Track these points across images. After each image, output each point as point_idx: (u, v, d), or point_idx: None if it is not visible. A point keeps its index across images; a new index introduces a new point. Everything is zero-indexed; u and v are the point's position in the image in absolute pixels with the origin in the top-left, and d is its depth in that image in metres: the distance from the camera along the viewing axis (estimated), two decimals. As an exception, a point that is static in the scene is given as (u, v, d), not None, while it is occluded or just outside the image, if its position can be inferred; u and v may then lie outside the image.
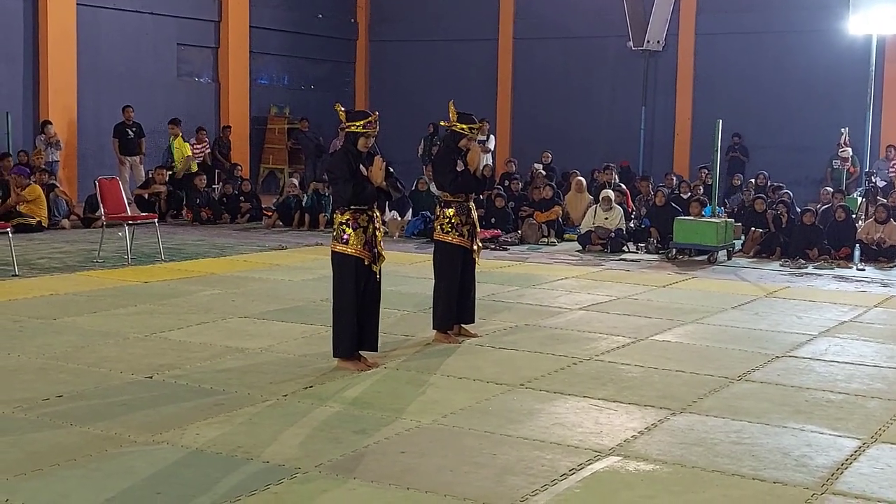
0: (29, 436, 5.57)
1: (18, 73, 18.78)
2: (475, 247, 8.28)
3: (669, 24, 22.30)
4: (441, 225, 8.19)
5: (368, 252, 7.10)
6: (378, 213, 7.26)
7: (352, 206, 7.08)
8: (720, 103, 20.99)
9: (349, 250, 7.07)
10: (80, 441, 5.49)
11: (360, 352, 7.26)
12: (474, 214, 8.33)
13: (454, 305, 8.17)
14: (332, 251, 7.16)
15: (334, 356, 7.20)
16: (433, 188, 17.47)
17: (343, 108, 7.45)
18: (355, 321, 7.11)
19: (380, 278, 7.26)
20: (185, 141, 19.14)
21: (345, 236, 7.08)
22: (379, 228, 7.22)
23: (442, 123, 8.58)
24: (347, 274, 7.09)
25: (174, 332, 8.32)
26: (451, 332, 8.18)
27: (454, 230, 8.13)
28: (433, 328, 8.21)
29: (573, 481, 5.01)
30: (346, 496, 4.78)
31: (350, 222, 7.08)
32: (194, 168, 18.66)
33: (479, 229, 8.47)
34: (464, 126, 8.19)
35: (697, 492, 4.91)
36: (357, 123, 7.24)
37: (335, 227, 7.17)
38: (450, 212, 8.17)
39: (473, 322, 8.44)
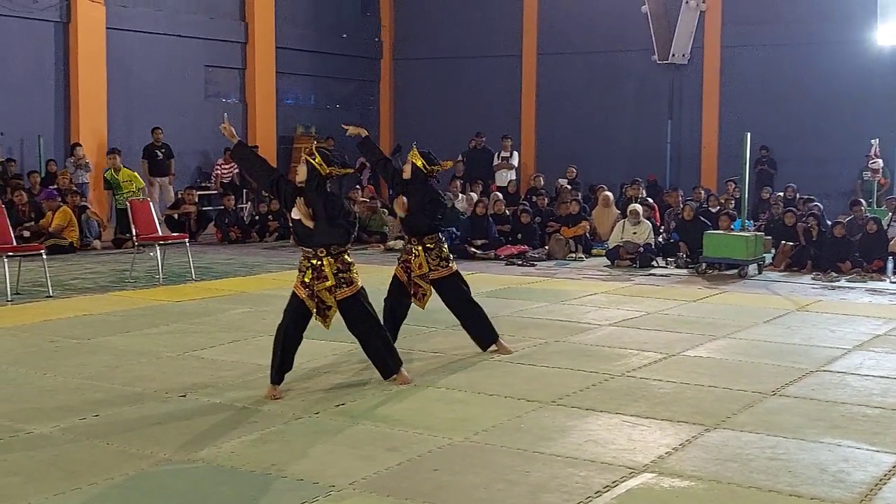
0: (67, 455, 5.61)
1: (50, 97, 18.98)
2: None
3: (694, 37, 22.26)
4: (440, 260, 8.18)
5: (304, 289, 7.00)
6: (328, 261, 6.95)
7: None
8: (747, 116, 20.92)
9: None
10: (117, 459, 5.53)
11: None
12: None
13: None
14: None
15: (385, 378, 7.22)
16: (458, 205, 17.53)
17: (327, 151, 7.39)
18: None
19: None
20: (130, 171, 17.49)
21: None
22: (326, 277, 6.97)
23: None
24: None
25: (206, 350, 8.37)
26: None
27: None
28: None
29: (608, 498, 4.99)
30: (381, 514, 4.79)
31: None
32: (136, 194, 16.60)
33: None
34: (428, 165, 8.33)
35: (733, 508, 4.89)
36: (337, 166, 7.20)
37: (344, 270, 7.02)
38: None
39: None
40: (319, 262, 6.93)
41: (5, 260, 11.14)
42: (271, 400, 6.79)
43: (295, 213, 6.94)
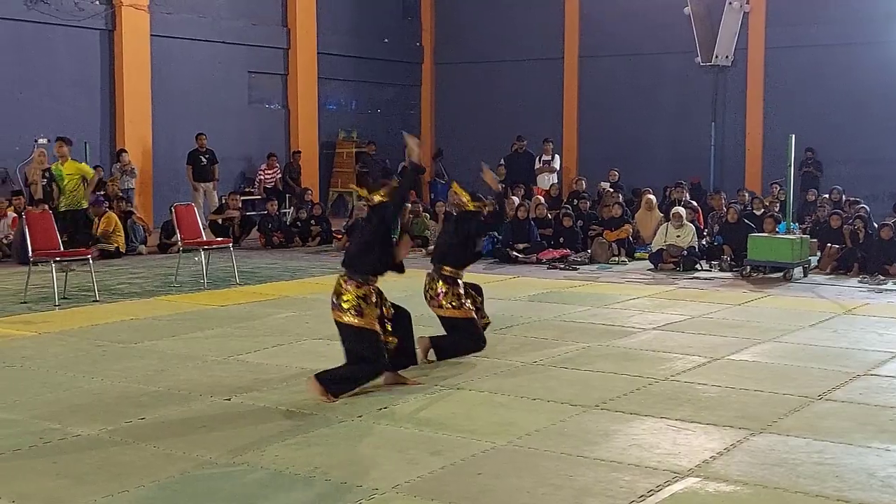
0: (114, 458, 5.68)
1: (96, 104, 19.23)
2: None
3: (738, 38, 22.11)
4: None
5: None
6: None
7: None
8: (792, 117, 20.72)
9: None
10: (163, 462, 5.58)
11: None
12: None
13: None
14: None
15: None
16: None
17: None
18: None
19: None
20: (78, 161, 15.36)
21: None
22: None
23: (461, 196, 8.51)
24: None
25: (251, 354, 8.43)
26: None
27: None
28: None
29: (652, 503, 4.97)
30: (425, 517, 4.79)
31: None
32: (85, 203, 15.09)
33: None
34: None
35: (780, 513, 4.85)
36: (380, 193, 7.27)
37: (352, 300, 6.96)
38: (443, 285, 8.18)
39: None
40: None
41: (53, 265, 11.29)
42: (326, 402, 6.81)
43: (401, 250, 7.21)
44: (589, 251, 15.50)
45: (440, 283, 8.15)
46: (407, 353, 7.47)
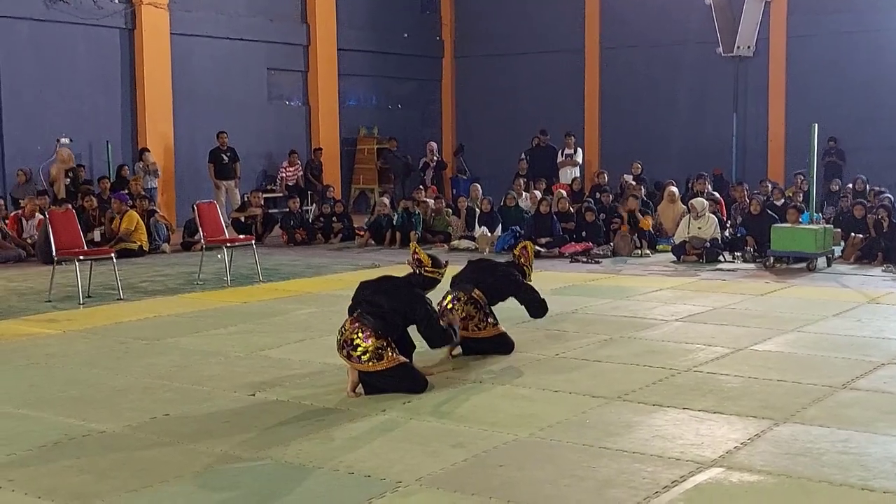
0: (138, 453, 5.72)
1: (117, 103, 19.35)
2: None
3: (760, 27, 22.01)
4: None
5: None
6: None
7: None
8: (814, 107, 20.60)
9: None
10: (186, 458, 5.62)
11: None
12: None
13: None
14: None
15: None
16: (521, 203, 17.51)
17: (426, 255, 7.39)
18: None
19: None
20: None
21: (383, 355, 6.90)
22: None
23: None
24: None
25: (274, 350, 8.47)
26: None
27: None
28: None
29: (676, 493, 4.97)
30: (447, 509, 4.81)
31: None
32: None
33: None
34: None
35: (804, 502, 4.83)
36: (439, 270, 7.28)
37: (371, 350, 6.83)
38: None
39: None
40: None
41: (77, 264, 11.37)
42: (350, 396, 6.84)
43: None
44: (611, 244, 15.47)
45: (468, 306, 7.99)
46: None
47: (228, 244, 13.23)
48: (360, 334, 6.86)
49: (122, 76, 19.38)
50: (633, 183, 18.64)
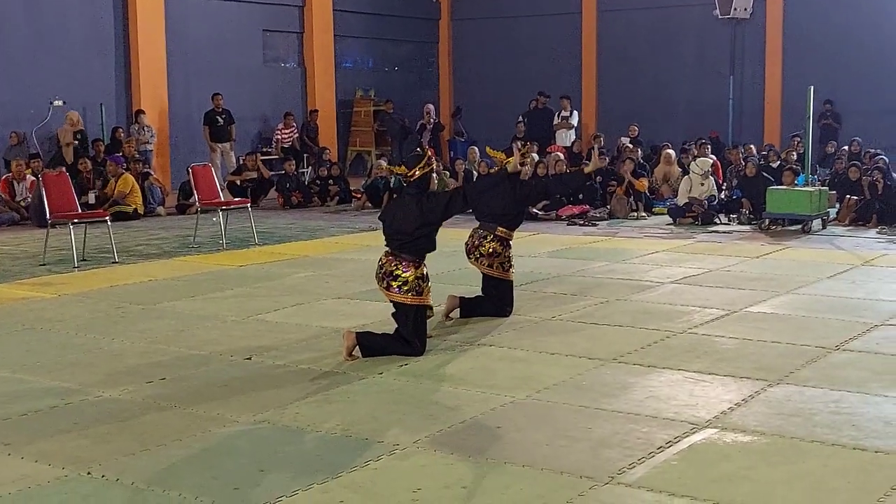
0: (136, 417, 5.75)
1: (110, 65, 19.23)
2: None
3: (757, -11, 21.90)
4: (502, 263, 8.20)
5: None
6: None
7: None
8: (811, 69, 20.53)
9: (427, 301, 7.04)
10: (184, 421, 5.65)
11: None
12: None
13: None
14: (408, 304, 6.96)
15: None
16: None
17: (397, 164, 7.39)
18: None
19: None
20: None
21: (421, 287, 6.97)
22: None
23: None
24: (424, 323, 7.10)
25: (270, 314, 8.49)
26: None
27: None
28: None
29: (670, 454, 5.01)
30: (444, 471, 4.85)
31: (427, 274, 7.04)
32: None
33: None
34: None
35: (797, 462, 4.88)
36: (419, 165, 7.10)
37: (411, 279, 6.93)
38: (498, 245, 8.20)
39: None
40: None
41: (71, 227, 11.36)
42: (346, 360, 6.84)
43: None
44: (608, 207, 15.47)
45: (494, 243, 8.14)
46: None
47: (224, 207, 13.22)
48: (399, 266, 6.94)
49: (115, 38, 19.24)
50: (630, 146, 18.61)
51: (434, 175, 7.22)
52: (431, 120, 22.90)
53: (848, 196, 14.35)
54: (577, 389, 6.14)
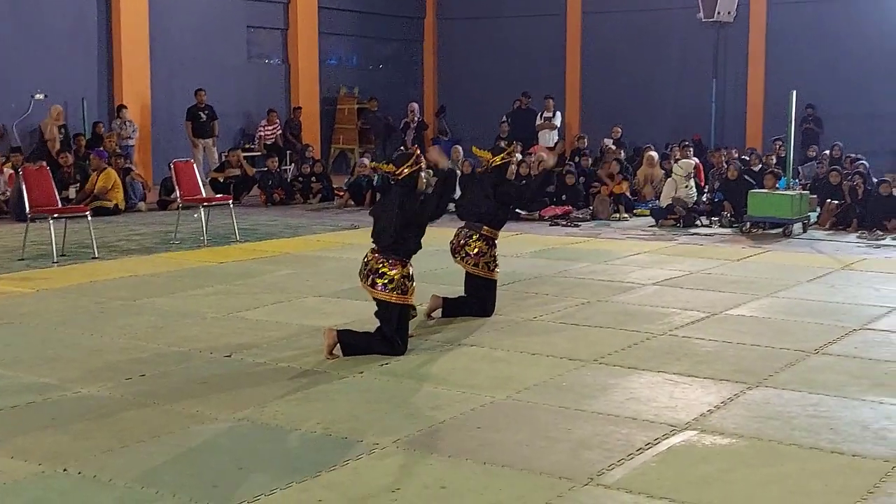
0: (115, 414, 5.73)
1: (93, 60, 19.13)
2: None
3: (740, -7, 21.98)
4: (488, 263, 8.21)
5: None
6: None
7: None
8: (793, 73, 20.61)
9: (411, 300, 7.03)
10: (163, 418, 5.63)
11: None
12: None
13: None
14: (392, 302, 6.94)
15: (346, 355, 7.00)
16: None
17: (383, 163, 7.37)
18: None
19: None
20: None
21: (407, 286, 6.97)
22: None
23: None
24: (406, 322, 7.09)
25: (251, 311, 8.46)
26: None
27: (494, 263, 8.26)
28: None
29: (649, 455, 5.02)
30: (423, 471, 4.84)
31: (413, 275, 7.04)
32: None
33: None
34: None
35: (775, 465, 4.90)
36: (407, 164, 7.08)
37: (396, 277, 6.91)
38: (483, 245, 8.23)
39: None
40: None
41: (51, 222, 11.30)
42: (327, 358, 6.82)
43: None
44: (590, 208, 15.50)
45: (480, 242, 8.16)
46: None
47: (205, 203, 13.17)
48: (386, 264, 6.92)
49: (98, 32, 19.14)
50: (613, 147, 18.65)
51: (421, 174, 7.17)
52: (415, 118, 22.86)
53: (828, 200, 14.41)
54: (558, 390, 6.15)
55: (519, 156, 17.81)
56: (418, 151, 7.34)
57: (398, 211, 6.94)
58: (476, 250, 8.15)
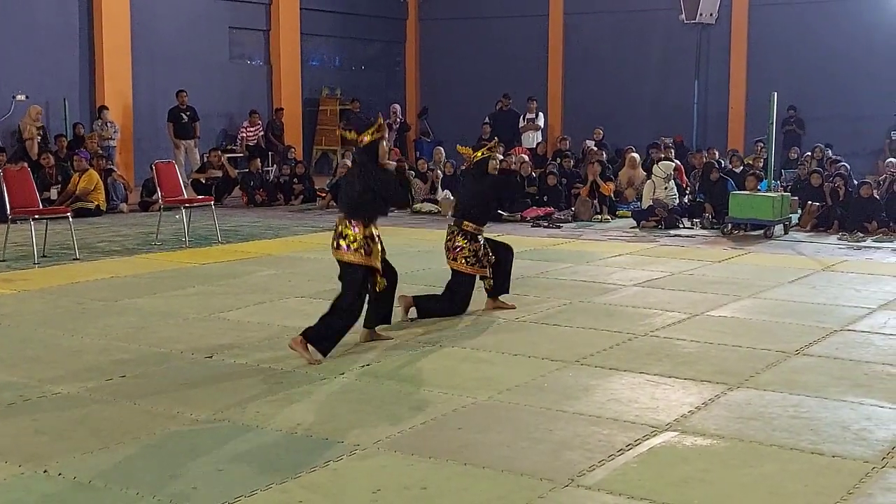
0: (94, 414, 5.70)
1: (74, 59, 19.04)
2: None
3: (722, -5, 22.06)
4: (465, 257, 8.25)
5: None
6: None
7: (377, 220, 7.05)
8: (775, 75, 20.72)
9: (375, 263, 7.03)
10: (143, 419, 5.61)
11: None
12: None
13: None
14: (353, 262, 6.97)
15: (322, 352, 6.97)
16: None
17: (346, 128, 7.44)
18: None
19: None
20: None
21: (369, 248, 6.98)
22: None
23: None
24: (364, 285, 7.07)
25: (232, 312, 8.44)
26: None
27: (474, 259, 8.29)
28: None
29: (630, 456, 5.03)
30: (404, 472, 4.84)
31: (376, 236, 7.05)
32: None
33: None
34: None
35: (755, 466, 4.91)
36: (369, 131, 7.13)
37: (358, 237, 6.96)
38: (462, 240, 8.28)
39: (507, 293, 8.59)
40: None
41: (32, 223, 11.24)
42: (313, 363, 6.78)
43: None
44: (572, 209, 15.52)
45: (461, 238, 8.24)
46: (384, 314, 7.45)
47: (187, 205, 13.13)
48: (348, 224, 6.96)
49: (80, 33, 19.04)
50: (595, 149, 18.69)
51: (384, 143, 7.16)
52: (398, 120, 22.88)
53: (810, 202, 14.46)
54: (539, 391, 6.15)
55: (500, 155, 17.83)
56: (381, 119, 7.33)
57: (360, 175, 7.00)
58: (457, 246, 8.22)
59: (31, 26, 18.32)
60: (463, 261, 8.20)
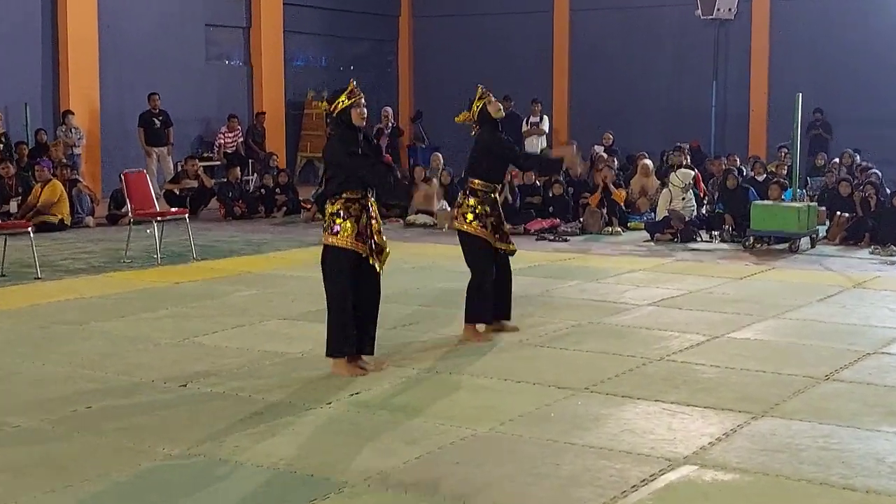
0: (57, 449, 5.68)
1: (37, 61, 19.05)
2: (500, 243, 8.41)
3: (742, -12, 22.14)
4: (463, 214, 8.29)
5: (362, 244, 7.04)
6: (374, 204, 7.20)
7: (343, 195, 7.04)
8: (799, 75, 20.79)
9: (340, 243, 7.02)
10: (111, 454, 5.58)
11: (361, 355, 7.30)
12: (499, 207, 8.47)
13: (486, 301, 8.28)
14: (324, 244, 7.10)
15: (326, 356, 7.16)
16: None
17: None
18: (352, 321, 7.07)
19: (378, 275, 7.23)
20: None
21: (336, 227, 7.02)
22: (376, 219, 7.15)
23: None
24: (340, 269, 7.06)
25: (208, 336, 8.43)
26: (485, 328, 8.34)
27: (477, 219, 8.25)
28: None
29: (645, 493, 5.01)
30: (397, 511, 4.82)
31: (341, 212, 7.04)
32: None
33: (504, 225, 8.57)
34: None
35: (782, 502, 4.90)
36: (340, 98, 7.16)
37: (326, 217, 7.11)
38: (472, 200, 8.29)
39: (509, 319, 8.55)
40: (368, 202, 7.14)
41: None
42: (359, 376, 6.88)
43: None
44: (580, 221, 15.53)
45: (471, 198, 8.27)
46: (366, 340, 7.33)
47: (159, 218, 13.12)
48: (329, 202, 7.10)
49: (43, 32, 19.06)
50: (605, 155, 18.72)
51: (357, 110, 7.15)
52: (389, 124, 22.88)
53: (838, 213, 14.47)
54: (545, 421, 6.14)
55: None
56: (353, 83, 7.33)
57: (337, 145, 7.05)
58: (460, 203, 8.33)
59: (-11, 25, 18.36)
60: (461, 217, 8.23)
